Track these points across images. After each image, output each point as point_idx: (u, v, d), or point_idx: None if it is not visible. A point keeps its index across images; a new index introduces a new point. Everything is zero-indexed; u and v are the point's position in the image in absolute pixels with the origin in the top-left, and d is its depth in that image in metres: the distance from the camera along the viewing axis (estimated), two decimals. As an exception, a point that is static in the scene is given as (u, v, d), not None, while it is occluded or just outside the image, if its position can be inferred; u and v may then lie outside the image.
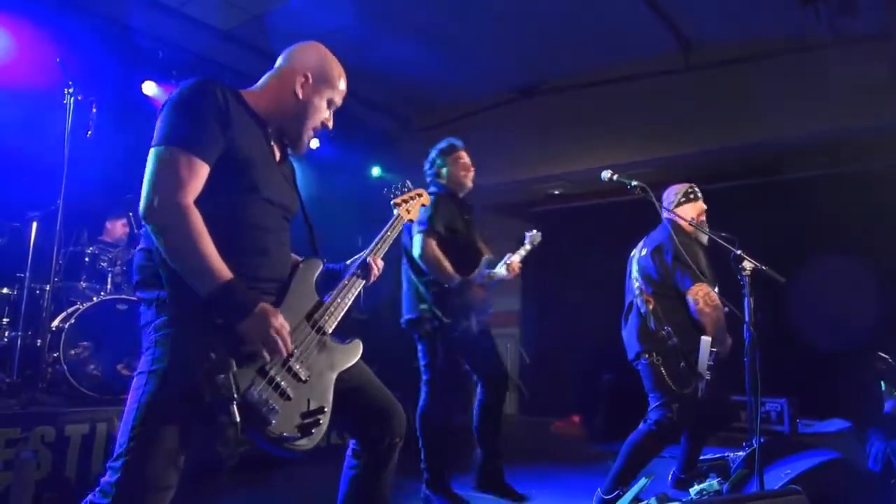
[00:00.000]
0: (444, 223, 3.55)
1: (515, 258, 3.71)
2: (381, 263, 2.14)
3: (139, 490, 1.57)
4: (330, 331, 1.91)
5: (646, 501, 2.88)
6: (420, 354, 3.61)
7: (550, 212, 8.23)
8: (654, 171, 6.43)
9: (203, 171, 1.66)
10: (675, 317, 3.37)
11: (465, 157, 3.81)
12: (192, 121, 1.68)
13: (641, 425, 3.33)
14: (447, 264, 3.47)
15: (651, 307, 3.41)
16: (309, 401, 1.76)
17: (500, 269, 3.65)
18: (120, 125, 4.91)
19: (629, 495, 2.95)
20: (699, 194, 3.65)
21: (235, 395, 1.53)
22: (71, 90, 4.09)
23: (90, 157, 4.37)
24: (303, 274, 1.94)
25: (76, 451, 3.44)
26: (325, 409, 1.78)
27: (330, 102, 2.00)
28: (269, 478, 3.96)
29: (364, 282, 2.08)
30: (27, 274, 4.16)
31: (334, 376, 1.88)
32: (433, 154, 3.83)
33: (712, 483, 2.95)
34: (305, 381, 1.78)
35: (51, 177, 4.15)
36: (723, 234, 3.06)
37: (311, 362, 1.82)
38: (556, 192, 7.96)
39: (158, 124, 1.70)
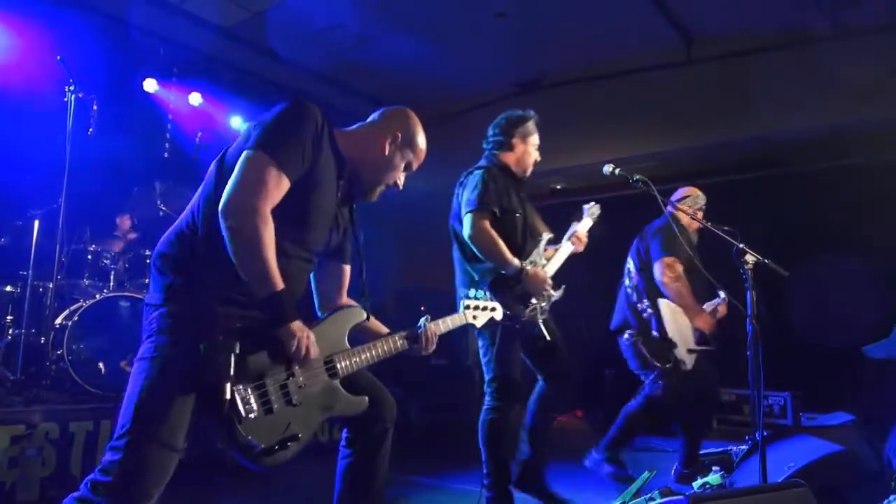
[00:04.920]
0: (498, 201, 3.14)
1: (581, 227, 3.40)
2: (435, 340, 2.22)
3: (141, 469, 1.62)
4: (341, 376, 1.96)
5: (649, 495, 2.89)
6: (482, 351, 3.21)
7: (552, 206, 8.20)
8: (656, 164, 6.43)
9: (285, 186, 1.77)
10: (656, 291, 3.70)
11: (536, 138, 3.46)
12: (292, 139, 1.80)
13: (634, 399, 3.83)
14: (503, 247, 3.04)
15: (635, 282, 3.76)
16: (289, 424, 1.80)
17: (565, 243, 3.31)
18: (121, 122, 4.91)
19: (632, 489, 2.95)
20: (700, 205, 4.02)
21: (231, 375, 1.61)
22: (72, 88, 4.10)
23: (91, 155, 4.37)
24: (339, 317, 2.04)
25: (80, 447, 3.46)
26: (299, 438, 1.81)
27: (407, 165, 2.14)
28: (268, 477, 3.96)
29: (405, 348, 2.14)
30: (30, 272, 4.17)
31: (323, 417, 1.93)
32: (502, 120, 3.50)
33: (716, 476, 2.96)
34: (294, 406, 1.82)
35: (52, 174, 4.16)
36: (725, 228, 3.06)
37: (308, 394, 1.86)
38: (558, 187, 7.95)
39: (258, 130, 1.79)
